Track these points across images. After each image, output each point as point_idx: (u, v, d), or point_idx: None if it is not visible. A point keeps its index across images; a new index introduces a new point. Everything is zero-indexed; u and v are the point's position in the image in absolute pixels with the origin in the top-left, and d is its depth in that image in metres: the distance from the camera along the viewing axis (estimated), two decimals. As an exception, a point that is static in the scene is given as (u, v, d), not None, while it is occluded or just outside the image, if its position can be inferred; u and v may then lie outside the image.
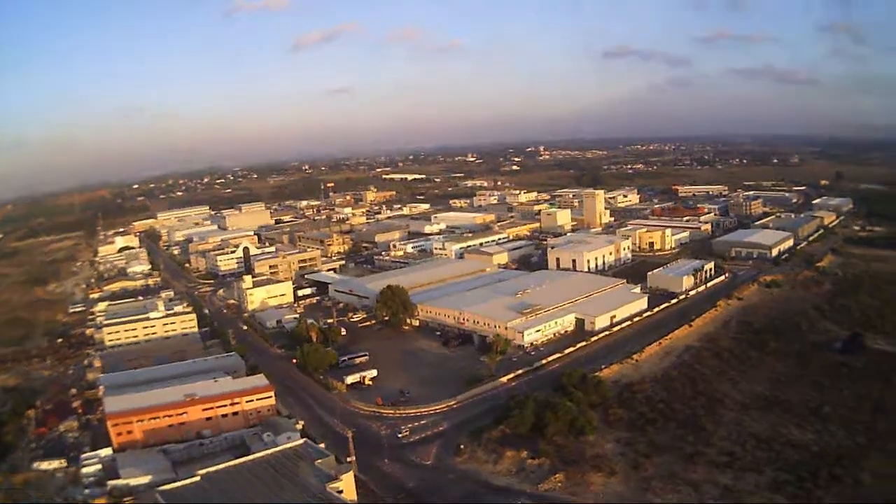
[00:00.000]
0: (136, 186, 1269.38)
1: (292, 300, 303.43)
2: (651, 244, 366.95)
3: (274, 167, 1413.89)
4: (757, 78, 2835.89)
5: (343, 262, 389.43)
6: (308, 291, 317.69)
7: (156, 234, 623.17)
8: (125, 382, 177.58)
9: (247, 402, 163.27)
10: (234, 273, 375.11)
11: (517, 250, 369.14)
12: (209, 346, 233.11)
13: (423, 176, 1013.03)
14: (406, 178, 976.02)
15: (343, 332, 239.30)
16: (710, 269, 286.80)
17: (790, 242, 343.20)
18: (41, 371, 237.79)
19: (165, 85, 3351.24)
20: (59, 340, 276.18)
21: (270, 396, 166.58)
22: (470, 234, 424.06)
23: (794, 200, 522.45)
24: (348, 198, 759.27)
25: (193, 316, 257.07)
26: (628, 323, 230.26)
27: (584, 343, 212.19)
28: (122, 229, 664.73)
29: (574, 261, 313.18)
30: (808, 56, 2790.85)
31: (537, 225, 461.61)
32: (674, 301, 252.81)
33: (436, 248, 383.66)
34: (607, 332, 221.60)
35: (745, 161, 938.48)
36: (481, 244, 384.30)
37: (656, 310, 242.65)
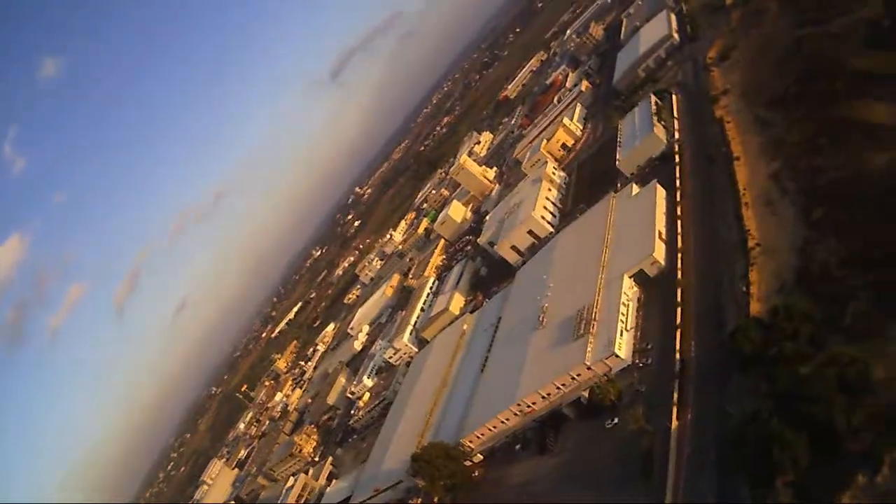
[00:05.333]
0: None
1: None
2: (564, 146, 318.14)
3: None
4: None
5: (330, 458, 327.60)
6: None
7: None
8: None
9: None
10: None
11: (462, 280, 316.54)
12: None
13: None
14: (291, 320, 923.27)
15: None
16: (657, 105, 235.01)
17: (668, 17, 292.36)
18: None
19: None
20: None
21: None
22: (401, 313, 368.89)
23: (607, 1, 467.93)
24: (267, 384, 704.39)
25: None
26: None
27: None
28: None
29: (531, 232, 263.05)
30: None
31: (440, 255, 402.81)
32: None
33: (391, 358, 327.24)
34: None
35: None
36: (422, 310, 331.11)
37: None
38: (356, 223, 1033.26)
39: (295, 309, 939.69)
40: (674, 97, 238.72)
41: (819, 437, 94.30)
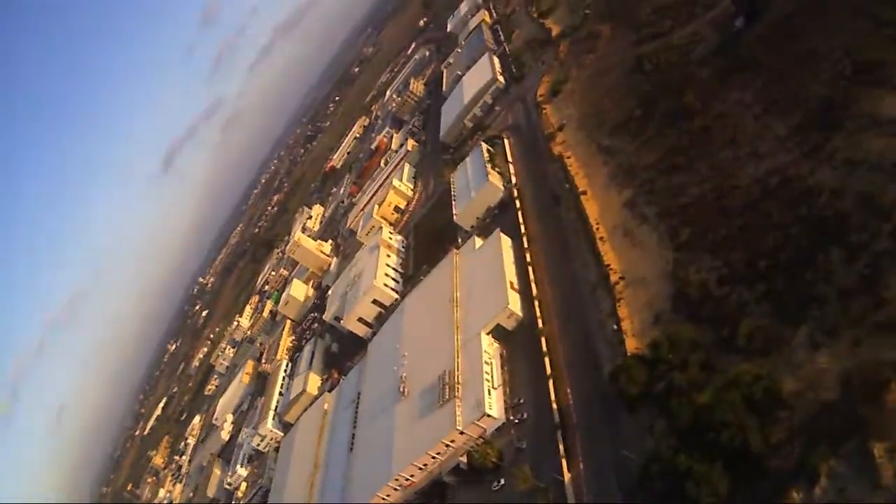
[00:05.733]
0: None
1: None
2: (397, 208, 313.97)
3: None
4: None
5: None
6: None
7: None
8: None
9: None
10: None
11: (314, 358, 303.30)
12: None
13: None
14: (159, 416, 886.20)
15: None
16: (489, 152, 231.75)
17: (491, 60, 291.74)
18: None
19: None
20: None
21: None
22: (260, 399, 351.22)
23: (425, 55, 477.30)
24: (150, 481, 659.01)
25: None
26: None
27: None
28: None
29: (376, 301, 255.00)
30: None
31: (289, 336, 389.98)
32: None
33: (259, 445, 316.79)
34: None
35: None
36: (280, 394, 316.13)
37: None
38: (204, 313, 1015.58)
39: (161, 404, 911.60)
40: (506, 142, 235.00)
41: (736, 463, 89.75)
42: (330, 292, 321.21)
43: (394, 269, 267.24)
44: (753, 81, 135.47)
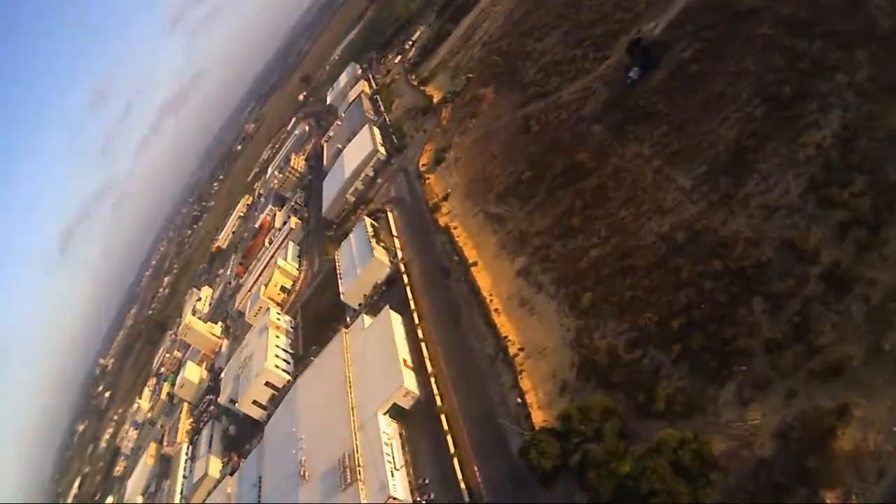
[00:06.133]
0: None
1: None
2: (283, 288, 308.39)
3: None
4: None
5: None
6: None
7: None
8: None
9: None
10: None
11: (213, 442, 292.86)
12: None
13: None
14: (77, 494, 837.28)
15: None
16: (373, 227, 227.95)
17: (372, 131, 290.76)
18: None
19: None
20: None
21: None
22: (166, 481, 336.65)
23: (305, 130, 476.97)
24: None
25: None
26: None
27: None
28: None
29: (269, 383, 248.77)
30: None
31: (187, 418, 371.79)
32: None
33: None
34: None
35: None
36: (184, 478, 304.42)
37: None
38: (107, 394, 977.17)
39: (76, 484, 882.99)
40: (390, 215, 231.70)
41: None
42: (223, 375, 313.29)
43: (284, 350, 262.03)
44: (651, 133, 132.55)
